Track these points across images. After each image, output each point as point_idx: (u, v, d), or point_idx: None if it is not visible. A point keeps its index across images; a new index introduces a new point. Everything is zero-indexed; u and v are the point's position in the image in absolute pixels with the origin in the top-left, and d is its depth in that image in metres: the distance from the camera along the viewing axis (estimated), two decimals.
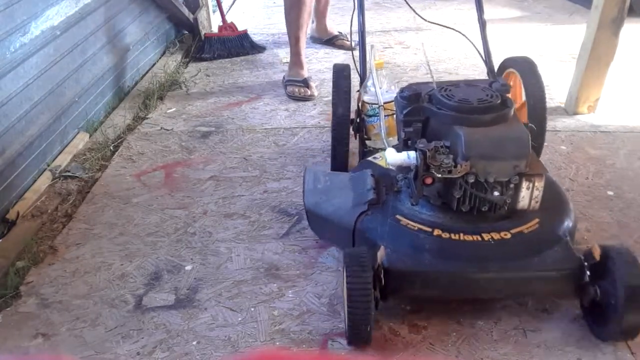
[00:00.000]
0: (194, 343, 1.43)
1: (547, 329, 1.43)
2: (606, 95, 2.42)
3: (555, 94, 2.59)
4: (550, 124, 2.35)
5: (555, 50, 3.12)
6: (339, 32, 3.29)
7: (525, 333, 1.42)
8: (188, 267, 1.68)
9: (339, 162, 1.93)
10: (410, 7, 1.99)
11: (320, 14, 3.26)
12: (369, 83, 1.92)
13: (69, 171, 2.12)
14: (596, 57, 2.29)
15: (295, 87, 2.69)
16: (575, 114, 2.42)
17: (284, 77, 2.82)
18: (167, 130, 2.44)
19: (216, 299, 1.56)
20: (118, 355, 1.41)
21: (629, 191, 1.94)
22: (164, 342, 1.44)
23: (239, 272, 1.65)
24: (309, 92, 2.67)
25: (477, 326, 1.44)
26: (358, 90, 1.97)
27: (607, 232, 1.75)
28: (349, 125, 1.92)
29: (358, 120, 1.95)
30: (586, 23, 2.33)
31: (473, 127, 1.41)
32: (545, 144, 2.20)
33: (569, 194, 1.90)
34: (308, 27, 2.83)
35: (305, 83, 2.69)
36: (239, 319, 1.49)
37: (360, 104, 1.94)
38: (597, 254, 1.34)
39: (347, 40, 3.19)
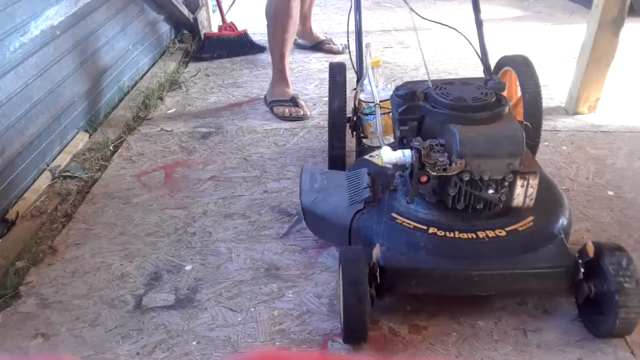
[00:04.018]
0: (194, 343, 1.43)
1: (547, 329, 1.43)
2: (606, 95, 2.42)
3: (556, 94, 2.59)
4: (550, 123, 2.36)
5: (555, 50, 3.12)
6: (325, 37, 3.21)
7: (525, 333, 1.42)
8: (188, 267, 1.68)
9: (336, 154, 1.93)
10: (407, 4, 2.00)
11: (304, 16, 3.08)
12: (365, 81, 1.92)
13: (68, 171, 2.12)
14: (596, 57, 2.29)
15: (285, 108, 2.47)
16: (576, 113, 2.42)
17: (265, 97, 2.59)
18: (167, 130, 2.44)
19: (216, 299, 1.56)
20: (118, 355, 1.40)
21: (629, 191, 1.93)
22: (163, 342, 1.44)
23: (239, 272, 1.65)
24: (302, 112, 2.45)
25: (478, 326, 1.44)
26: (354, 89, 1.98)
27: (607, 232, 1.75)
28: (345, 121, 1.91)
29: (355, 118, 1.95)
30: (586, 23, 2.33)
31: (468, 125, 1.41)
32: (546, 143, 2.21)
33: (569, 194, 1.91)
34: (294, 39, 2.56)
35: (294, 102, 2.47)
36: (239, 319, 1.49)
37: (356, 102, 1.94)
38: (590, 251, 1.35)
39: (335, 45, 3.16)
